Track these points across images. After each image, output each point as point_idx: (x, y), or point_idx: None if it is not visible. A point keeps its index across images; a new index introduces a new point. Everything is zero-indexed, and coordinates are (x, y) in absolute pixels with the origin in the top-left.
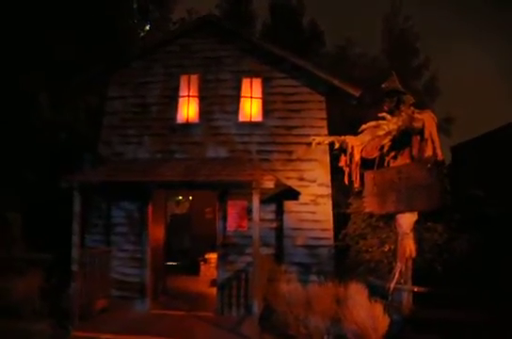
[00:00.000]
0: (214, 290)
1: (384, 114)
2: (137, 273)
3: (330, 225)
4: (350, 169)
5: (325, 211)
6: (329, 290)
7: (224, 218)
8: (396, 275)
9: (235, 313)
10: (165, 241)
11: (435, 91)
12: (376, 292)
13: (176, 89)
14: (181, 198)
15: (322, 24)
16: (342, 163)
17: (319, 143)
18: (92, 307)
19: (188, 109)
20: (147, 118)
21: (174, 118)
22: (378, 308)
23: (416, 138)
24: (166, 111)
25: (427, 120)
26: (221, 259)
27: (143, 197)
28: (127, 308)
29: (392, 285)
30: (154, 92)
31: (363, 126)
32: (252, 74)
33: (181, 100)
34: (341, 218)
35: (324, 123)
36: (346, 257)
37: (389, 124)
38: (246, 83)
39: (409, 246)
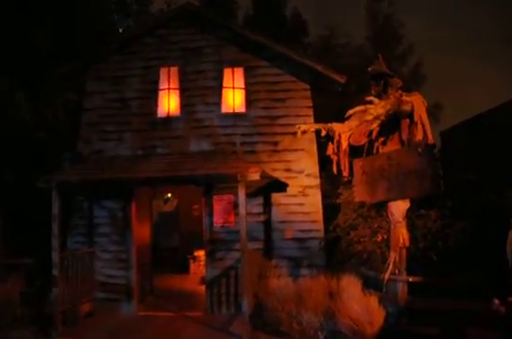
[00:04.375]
0: (204, 288)
1: (371, 98)
2: (123, 274)
3: (320, 217)
4: (338, 158)
5: (314, 202)
6: (322, 284)
7: (210, 214)
8: (390, 265)
9: (226, 311)
10: (151, 240)
11: (421, 78)
12: (370, 284)
13: (156, 82)
14: (169, 195)
15: (305, 13)
16: (329, 151)
17: (305, 131)
18: (77, 312)
19: (169, 102)
20: (127, 113)
21: (155, 112)
22: (373, 300)
23: (405, 122)
24: (146, 105)
25: (416, 102)
26: (209, 256)
27: (126, 195)
28: (113, 311)
29: (387, 276)
30: (133, 86)
31: (350, 111)
32: (234, 64)
33: (161, 93)
34: (330, 210)
35: (310, 112)
36: (338, 249)
37: (376, 108)
38: (227, 73)
39: (403, 234)
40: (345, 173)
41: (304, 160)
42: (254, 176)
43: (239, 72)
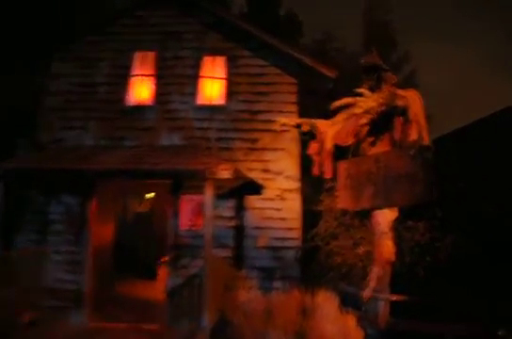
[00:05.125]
0: None
1: (362, 90)
2: (75, 279)
3: (298, 224)
4: (321, 159)
5: (292, 208)
6: (295, 299)
7: (177, 216)
8: (372, 281)
9: (187, 325)
10: (114, 242)
11: (415, 86)
12: (349, 301)
13: (128, 68)
14: (148, 196)
15: (301, 15)
16: (311, 151)
17: (284, 125)
18: (17, 320)
19: (141, 90)
20: (94, 99)
21: (125, 99)
22: (351, 320)
23: (399, 120)
24: (115, 92)
25: (412, 98)
26: (172, 263)
27: (86, 190)
28: (61, 321)
29: (368, 293)
30: (104, 70)
31: (336, 103)
32: (215, 52)
33: (133, 79)
34: (310, 217)
35: (294, 108)
36: (315, 260)
37: (367, 101)
38: (207, 61)
39: (388, 247)
40: (328, 176)
41: (284, 161)
42: (225, 174)
43: (220, 62)
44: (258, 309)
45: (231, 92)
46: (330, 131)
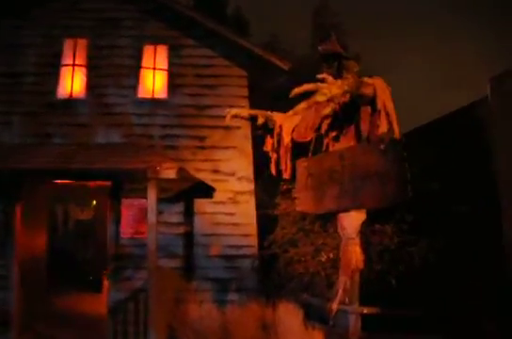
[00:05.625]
0: None
1: (324, 75)
2: (2, 297)
3: (254, 230)
4: (278, 156)
5: (246, 212)
6: (253, 313)
7: (117, 222)
8: (339, 292)
9: None
10: (50, 252)
11: None
12: (314, 314)
13: (58, 56)
14: (94, 202)
15: (248, 16)
16: (267, 147)
17: (236, 116)
18: None
19: (73, 82)
20: (17, 91)
21: (54, 92)
22: (317, 336)
23: (365, 110)
24: (43, 83)
25: (380, 86)
26: (114, 275)
27: (9, 194)
28: None
29: (335, 306)
30: (29, 59)
31: (296, 90)
32: (157, 41)
33: (63, 69)
34: (266, 222)
35: (245, 103)
36: (274, 269)
37: (331, 88)
38: (148, 51)
39: (356, 254)
40: (286, 175)
41: (236, 160)
42: (169, 173)
43: (162, 51)
44: (212, 325)
45: (174, 85)
46: (288, 124)
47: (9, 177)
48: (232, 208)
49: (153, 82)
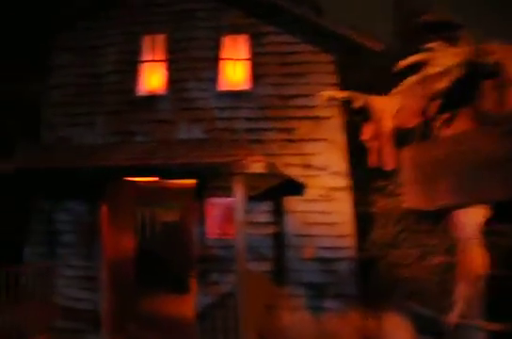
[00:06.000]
0: None
1: (435, 44)
2: (91, 297)
3: (351, 230)
4: (379, 145)
5: (342, 210)
6: (353, 323)
7: (202, 223)
8: (459, 303)
9: None
10: (138, 253)
11: None
12: (424, 326)
13: (137, 53)
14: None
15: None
16: (365, 136)
17: (330, 99)
18: None
19: (153, 78)
20: (99, 91)
21: (134, 90)
22: None
23: (488, 85)
24: (124, 82)
25: (507, 54)
26: (200, 279)
27: (94, 194)
28: None
29: (454, 319)
30: (109, 58)
31: (403, 62)
32: (235, 30)
33: (143, 66)
34: (361, 221)
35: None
36: (373, 274)
37: (446, 57)
38: (227, 41)
39: (478, 258)
40: (389, 167)
41: (328, 153)
42: (257, 167)
43: (242, 41)
44: (306, 335)
45: (257, 75)
46: (389, 108)
47: (91, 176)
48: (325, 206)
49: (234, 73)
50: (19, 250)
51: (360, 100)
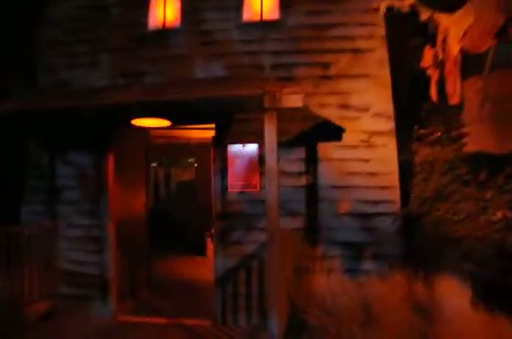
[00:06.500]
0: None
1: None
2: (97, 260)
3: (395, 180)
4: (445, 73)
5: (385, 158)
6: (399, 288)
7: (224, 174)
8: None
9: (244, 322)
10: (150, 212)
11: None
12: (486, 293)
13: None
14: (190, 160)
15: None
16: (426, 62)
17: (389, 10)
18: (28, 313)
19: (165, 9)
20: (104, 26)
21: (144, 23)
22: (504, 325)
23: None
24: (132, 14)
25: None
26: (220, 239)
27: (99, 143)
28: (81, 313)
29: None
30: None
31: None
32: None
33: None
34: (402, 172)
35: (379, 18)
36: (419, 232)
37: None
38: None
39: None
40: (455, 100)
41: (370, 92)
42: (294, 100)
43: None
44: (346, 303)
45: (288, 2)
46: (457, 28)
47: (94, 117)
48: (366, 153)
49: (261, 0)
50: (15, 209)
51: (425, 13)
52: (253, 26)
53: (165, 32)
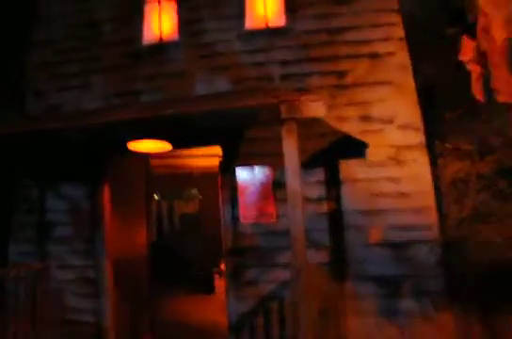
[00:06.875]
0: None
1: None
2: (93, 306)
3: (431, 201)
4: (490, 66)
5: (417, 175)
6: (448, 332)
7: (233, 203)
8: None
9: None
10: (152, 248)
11: None
12: None
13: None
14: (193, 192)
15: None
16: (465, 54)
17: None
18: None
19: (161, 21)
20: (97, 44)
21: (139, 38)
22: None
23: None
24: (125, 29)
25: None
26: (232, 277)
27: (93, 172)
28: None
29: None
30: (106, 2)
31: None
32: None
33: (148, 8)
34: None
35: (396, 19)
36: (460, 260)
37: None
38: None
39: None
40: (504, 97)
41: (393, 101)
42: (315, 109)
43: None
44: None
45: (294, 6)
46: (501, 13)
47: (83, 140)
48: (394, 171)
49: (265, 6)
50: (2, 247)
51: None
52: (258, 35)
53: (161, 46)
